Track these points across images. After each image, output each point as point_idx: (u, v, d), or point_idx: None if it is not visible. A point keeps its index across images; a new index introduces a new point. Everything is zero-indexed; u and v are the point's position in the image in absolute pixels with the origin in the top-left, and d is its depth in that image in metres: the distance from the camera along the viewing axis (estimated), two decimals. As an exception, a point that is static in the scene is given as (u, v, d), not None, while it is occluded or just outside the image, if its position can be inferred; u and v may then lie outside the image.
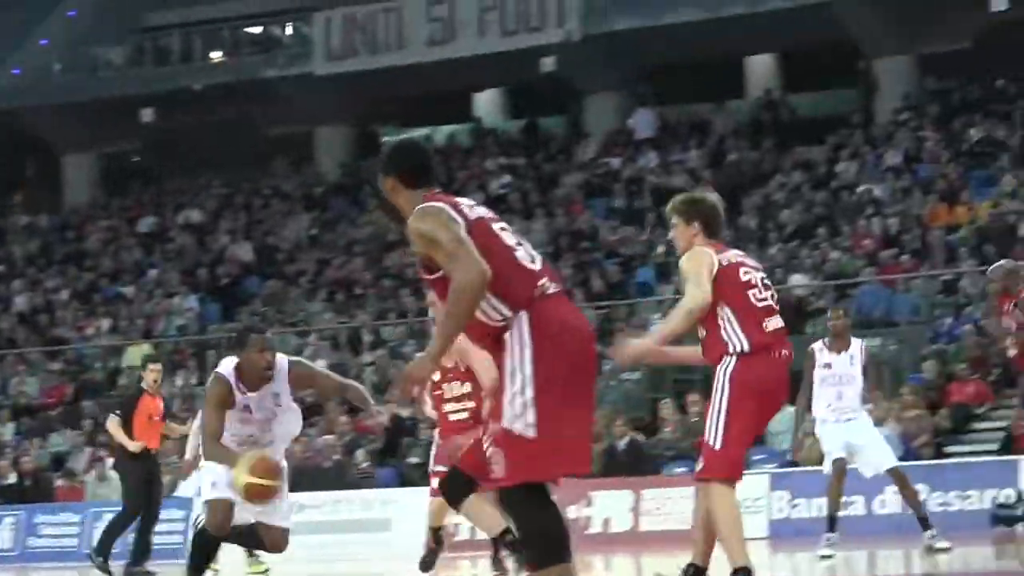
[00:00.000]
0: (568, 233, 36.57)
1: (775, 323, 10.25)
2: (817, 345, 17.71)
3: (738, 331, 9.95)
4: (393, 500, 28.26)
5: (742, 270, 10.06)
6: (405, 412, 30.13)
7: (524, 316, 7.47)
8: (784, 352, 10.26)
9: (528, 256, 7.33)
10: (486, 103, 46.97)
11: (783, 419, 23.52)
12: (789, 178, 34.81)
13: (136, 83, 44.07)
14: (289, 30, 44.65)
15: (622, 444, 26.45)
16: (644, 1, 39.96)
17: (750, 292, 10.01)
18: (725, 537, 10.20)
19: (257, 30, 45.91)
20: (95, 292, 42.96)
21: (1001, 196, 31.21)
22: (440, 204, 7.19)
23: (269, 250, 40.89)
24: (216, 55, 44.60)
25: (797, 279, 30.90)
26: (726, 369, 9.94)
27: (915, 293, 30.83)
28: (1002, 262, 16.56)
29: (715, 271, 9.88)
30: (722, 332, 10.00)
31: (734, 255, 10.23)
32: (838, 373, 17.24)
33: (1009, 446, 23.54)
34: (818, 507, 22.53)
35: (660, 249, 34.63)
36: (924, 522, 17.66)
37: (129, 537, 21.36)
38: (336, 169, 44.36)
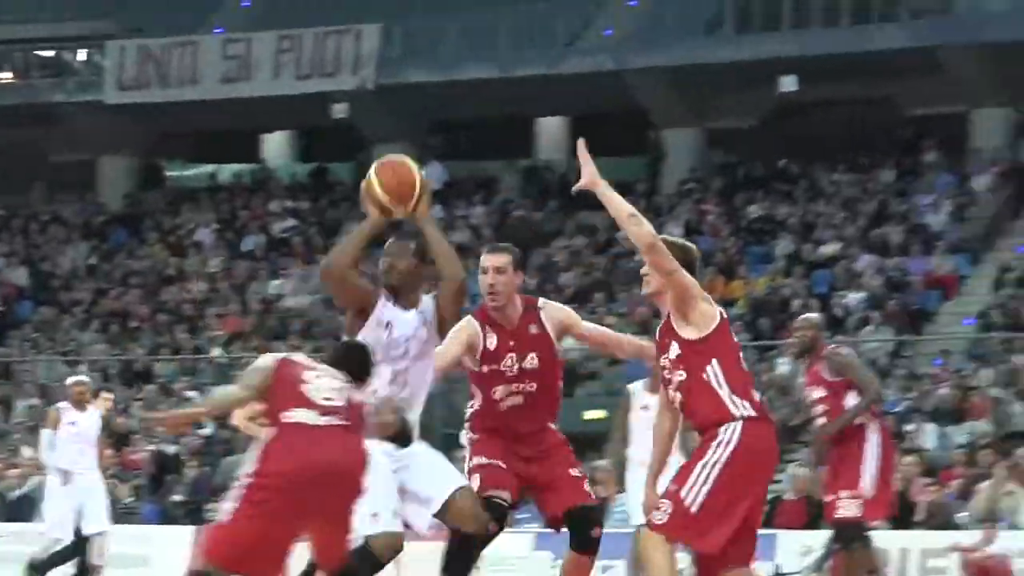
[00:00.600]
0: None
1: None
2: (635, 386, 16.42)
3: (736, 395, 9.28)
4: (153, 537, 27.51)
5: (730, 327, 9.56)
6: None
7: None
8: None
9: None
10: (275, 145, 46.47)
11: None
12: (571, 241, 35.04)
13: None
14: (82, 56, 43.71)
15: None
16: (437, 55, 40.37)
17: (739, 352, 9.61)
18: None
19: (49, 54, 44.72)
20: None
21: (777, 272, 31.87)
22: None
23: (45, 276, 40.10)
24: (5, 76, 43.59)
25: (570, 342, 30.21)
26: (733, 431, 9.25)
27: (685, 363, 30.19)
28: (809, 315, 16.20)
29: (717, 320, 9.03)
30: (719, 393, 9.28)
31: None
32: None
33: (769, 520, 23.23)
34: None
35: None
36: None
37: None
38: (119, 200, 43.19)
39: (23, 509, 28.15)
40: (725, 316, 8.77)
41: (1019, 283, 31.74)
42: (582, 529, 10.09)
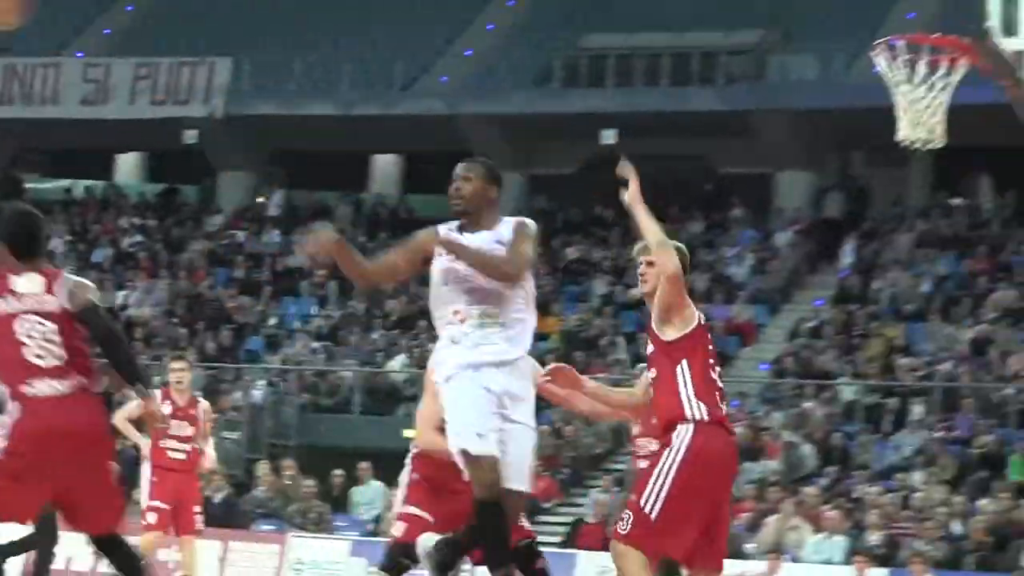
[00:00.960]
0: (188, 296, 36.33)
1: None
2: None
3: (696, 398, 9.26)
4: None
5: (709, 335, 9.46)
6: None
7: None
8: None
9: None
10: (128, 165, 46.37)
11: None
12: (398, 269, 34.14)
13: None
14: None
15: (218, 499, 26.02)
16: (283, 91, 40.23)
17: (712, 361, 9.54)
18: None
19: None
20: None
21: (589, 311, 32.27)
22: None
23: None
24: None
25: (394, 364, 31.71)
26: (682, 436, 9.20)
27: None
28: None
29: (695, 324, 8.91)
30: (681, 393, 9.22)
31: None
32: None
33: (572, 541, 23.95)
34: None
35: (272, 320, 35.74)
36: None
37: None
38: None
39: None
40: (703, 322, 8.64)
41: (813, 333, 32.17)
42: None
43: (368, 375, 33.92)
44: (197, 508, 16.23)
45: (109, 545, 8.72)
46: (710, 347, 8.97)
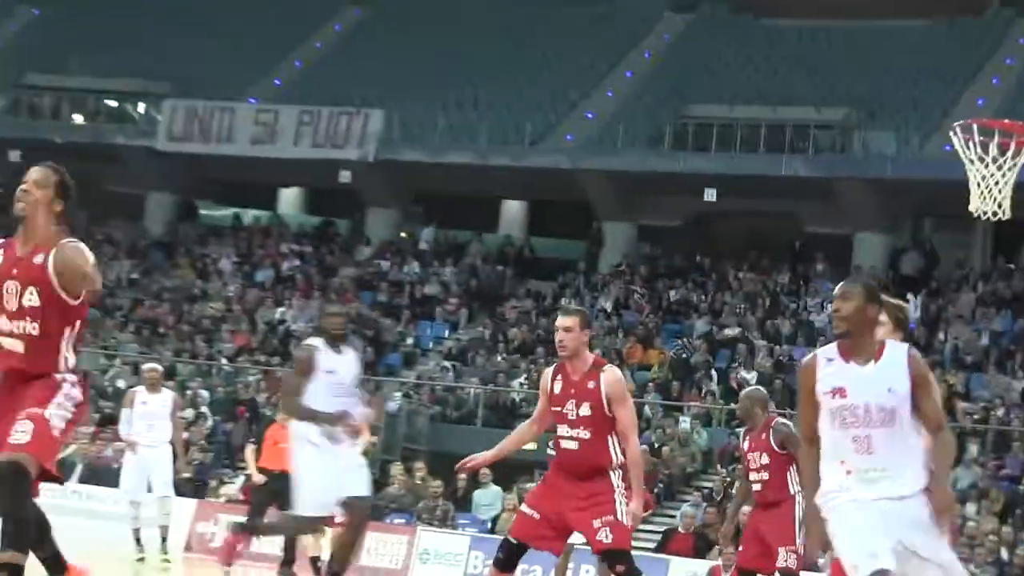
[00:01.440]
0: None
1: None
2: None
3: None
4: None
5: None
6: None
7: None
8: None
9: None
10: (290, 198, 47.63)
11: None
12: (522, 303, 36.16)
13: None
14: (141, 109, 44.19)
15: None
16: (427, 140, 40.39)
17: None
18: None
19: (114, 104, 45.42)
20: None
21: (687, 347, 33.00)
22: None
23: (93, 286, 39.43)
24: (78, 118, 44.47)
25: (514, 384, 32.53)
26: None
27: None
28: (752, 389, 15.57)
29: None
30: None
31: None
32: None
33: (663, 548, 24.28)
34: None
35: (409, 340, 36.61)
36: None
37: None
38: (160, 228, 43.84)
39: (103, 475, 28.88)
40: None
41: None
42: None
43: (491, 392, 34.35)
44: None
45: None
46: None
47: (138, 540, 20.54)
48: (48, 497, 8.97)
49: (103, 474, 29.01)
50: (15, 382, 8.00)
